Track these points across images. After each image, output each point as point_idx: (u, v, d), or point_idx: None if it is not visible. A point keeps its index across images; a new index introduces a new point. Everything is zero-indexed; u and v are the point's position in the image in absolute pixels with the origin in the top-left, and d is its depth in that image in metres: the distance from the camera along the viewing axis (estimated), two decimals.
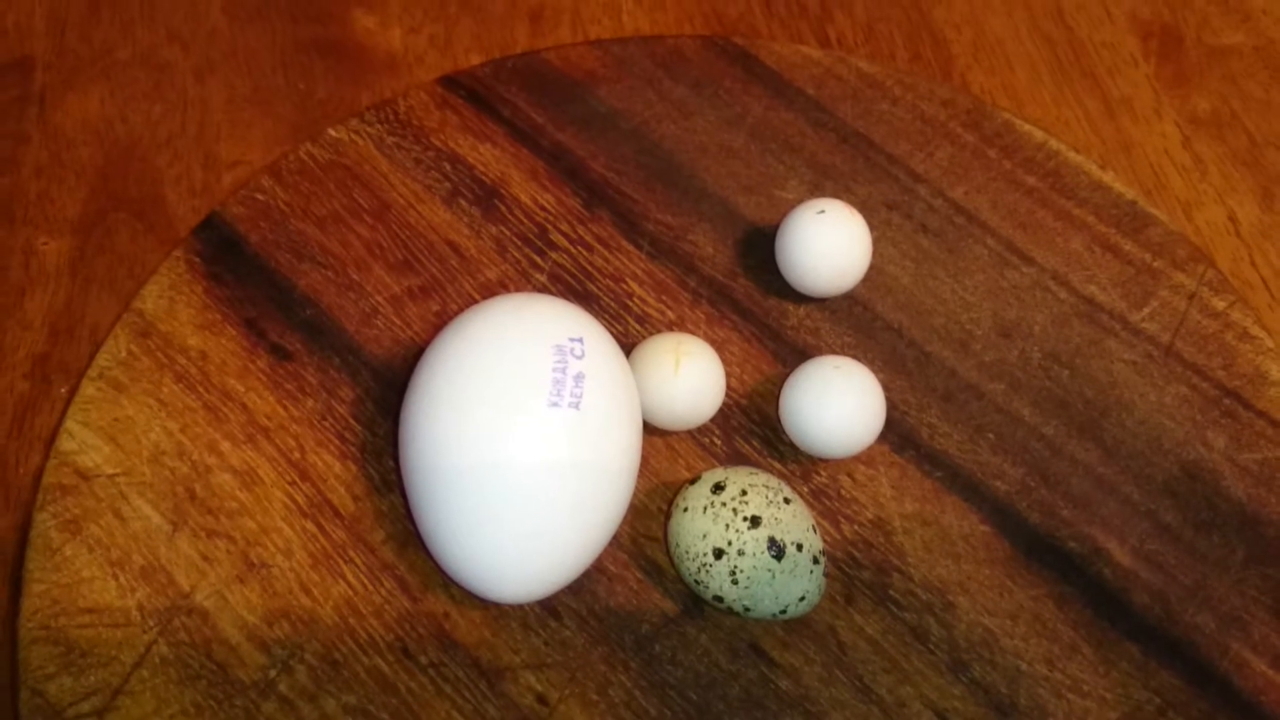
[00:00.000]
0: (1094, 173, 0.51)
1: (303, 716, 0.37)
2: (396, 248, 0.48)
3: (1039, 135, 0.52)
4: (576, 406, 0.37)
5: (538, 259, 0.48)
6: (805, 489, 0.43)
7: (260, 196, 0.49)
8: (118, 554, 0.40)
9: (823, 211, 0.45)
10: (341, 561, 0.40)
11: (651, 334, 0.46)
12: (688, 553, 0.39)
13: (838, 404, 0.42)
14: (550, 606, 0.40)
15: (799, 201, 0.48)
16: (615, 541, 0.41)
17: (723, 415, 0.44)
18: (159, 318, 0.45)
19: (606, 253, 0.48)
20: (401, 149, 0.50)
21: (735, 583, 0.38)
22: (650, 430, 0.43)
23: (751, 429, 0.44)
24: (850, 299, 0.48)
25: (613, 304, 0.47)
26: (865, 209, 0.49)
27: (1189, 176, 0.57)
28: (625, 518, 0.41)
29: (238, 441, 0.43)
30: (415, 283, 0.47)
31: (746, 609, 0.38)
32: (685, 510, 0.39)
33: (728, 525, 0.38)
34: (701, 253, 0.49)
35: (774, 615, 0.39)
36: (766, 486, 0.39)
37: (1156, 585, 0.42)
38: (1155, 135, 0.59)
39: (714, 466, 0.43)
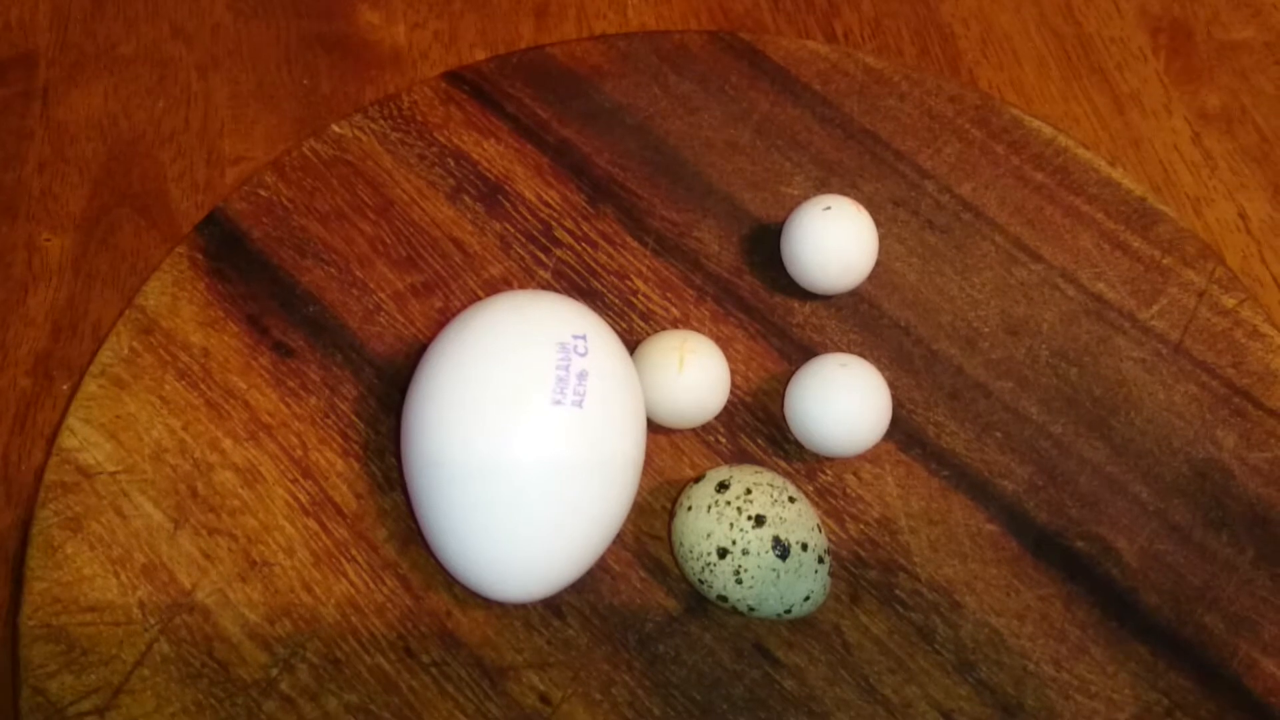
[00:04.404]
0: (1103, 169, 0.51)
1: (304, 715, 0.37)
2: (400, 244, 0.48)
3: (1047, 131, 0.52)
4: (580, 404, 0.37)
5: (542, 255, 0.48)
6: (810, 488, 0.43)
7: (263, 192, 0.48)
8: (119, 552, 0.40)
9: (829, 208, 0.45)
10: (344, 560, 0.40)
11: (656, 331, 0.46)
12: (692, 552, 0.38)
13: (843, 402, 0.42)
14: (553, 605, 0.40)
15: (805, 198, 0.48)
16: (619, 540, 0.41)
17: (727, 413, 0.44)
18: (161, 314, 0.45)
19: (611, 249, 0.48)
20: (405, 145, 0.50)
21: (740, 582, 0.38)
22: (654, 428, 0.43)
23: (757, 427, 0.44)
24: (856, 296, 0.47)
25: (617, 301, 0.47)
26: (872, 205, 0.49)
27: (1199, 173, 0.57)
28: (629, 516, 0.40)
29: (240, 439, 0.42)
30: (418, 279, 0.47)
31: (751, 608, 0.38)
32: (689, 509, 0.39)
33: (732, 524, 0.38)
34: (707, 249, 0.48)
35: (779, 615, 0.38)
36: (771, 485, 0.39)
37: (1165, 585, 0.41)
38: (1165, 131, 0.58)
39: (718, 464, 0.43)
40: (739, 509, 0.38)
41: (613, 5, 0.61)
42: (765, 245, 0.48)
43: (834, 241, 0.45)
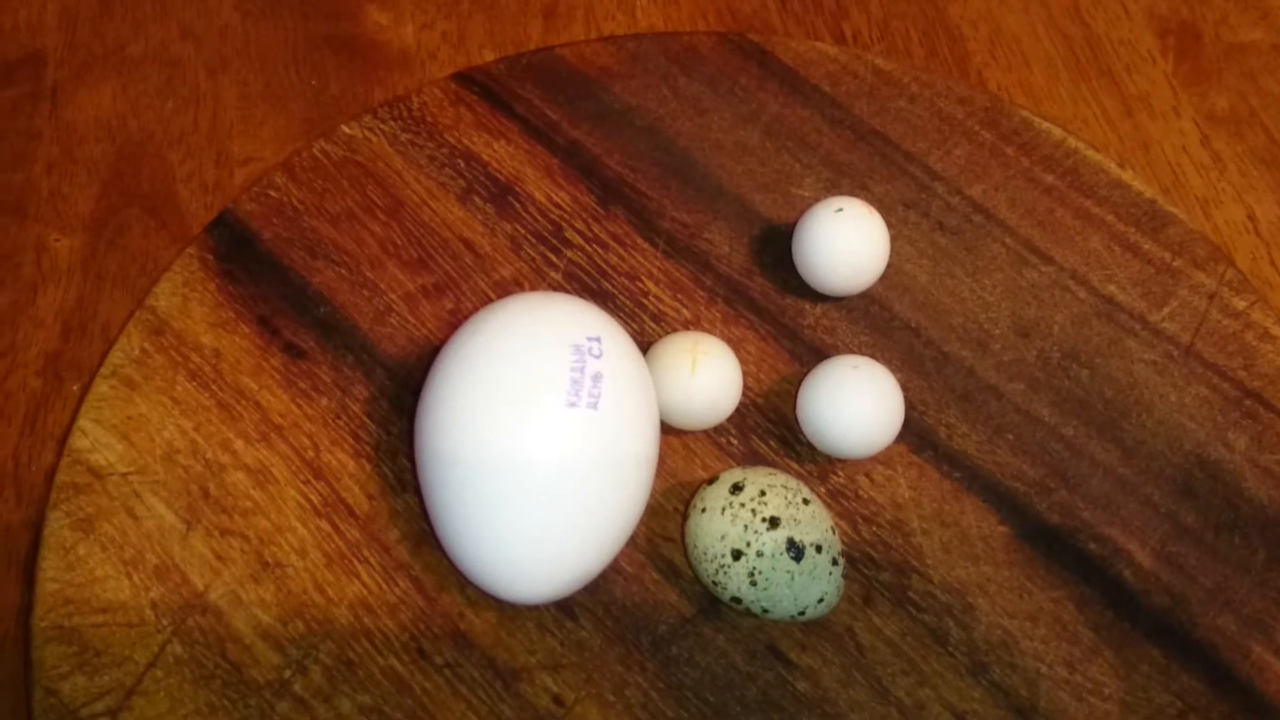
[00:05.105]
0: (1112, 171, 0.51)
1: (318, 716, 0.37)
2: (410, 245, 0.47)
3: (1057, 133, 0.52)
4: (594, 406, 0.37)
5: (552, 257, 0.48)
6: (823, 489, 0.43)
7: (273, 193, 0.48)
8: (131, 553, 0.40)
9: (840, 209, 0.45)
10: (356, 561, 0.40)
11: (667, 333, 0.46)
12: (706, 553, 0.38)
13: (855, 404, 0.42)
14: (566, 607, 0.40)
15: (815, 199, 0.48)
16: (632, 541, 0.41)
17: (739, 415, 0.44)
18: (172, 315, 0.45)
19: (622, 251, 0.48)
20: (415, 146, 0.50)
21: (754, 584, 0.38)
22: (666, 429, 0.43)
23: (768, 429, 0.44)
24: (867, 298, 0.47)
25: (628, 302, 0.47)
26: (882, 207, 0.49)
27: (1207, 174, 0.57)
28: (642, 518, 0.40)
29: (251, 440, 0.42)
30: (429, 281, 0.47)
31: (765, 610, 0.38)
32: (703, 511, 0.39)
33: (746, 526, 0.38)
34: (718, 251, 0.48)
35: (792, 617, 0.38)
36: (785, 487, 0.39)
37: (1177, 587, 0.41)
38: (1173, 133, 0.58)
39: (731, 466, 0.43)
40: (753, 511, 0.38)
41: (621, 6, 0.61)
42: (776, 247, 0.48)
43: (845, 243, 0.45)
